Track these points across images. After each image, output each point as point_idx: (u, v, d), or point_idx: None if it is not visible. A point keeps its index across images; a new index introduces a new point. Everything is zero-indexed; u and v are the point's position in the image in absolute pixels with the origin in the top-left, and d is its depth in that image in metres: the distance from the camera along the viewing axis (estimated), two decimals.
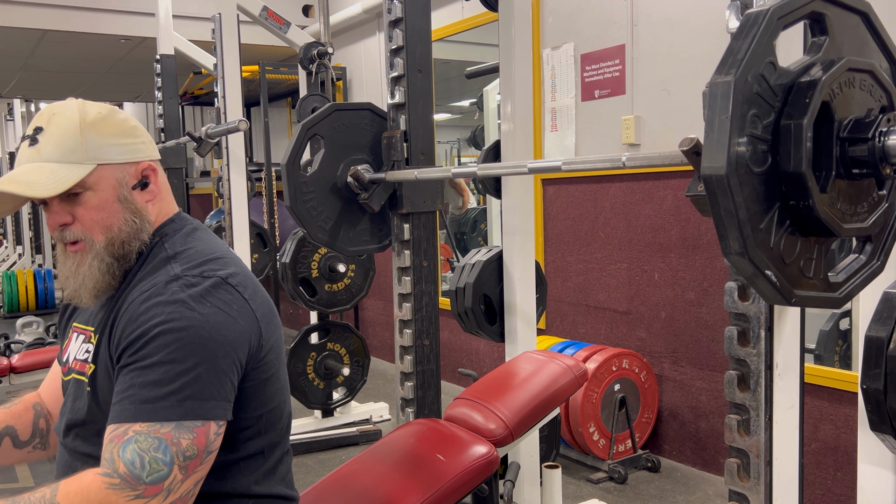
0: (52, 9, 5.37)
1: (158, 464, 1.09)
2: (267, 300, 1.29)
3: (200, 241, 1.30)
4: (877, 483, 1.44)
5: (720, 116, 0.88)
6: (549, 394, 2.04)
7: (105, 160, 1.22)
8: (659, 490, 3.32)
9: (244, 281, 1.25)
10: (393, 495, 1.66)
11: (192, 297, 1.17)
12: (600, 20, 3.72)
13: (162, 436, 1.10)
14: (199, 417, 1.13)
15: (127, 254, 1.25)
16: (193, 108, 8.59)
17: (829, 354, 3.22)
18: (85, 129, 1.21)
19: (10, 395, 3.89)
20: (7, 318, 8.09)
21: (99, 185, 1.22)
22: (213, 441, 1.15)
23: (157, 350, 1.13)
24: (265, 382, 1.26)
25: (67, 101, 1.27)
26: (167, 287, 1.18)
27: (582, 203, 3.92)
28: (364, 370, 4.19)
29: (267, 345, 1.25)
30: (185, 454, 1.11)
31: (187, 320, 1.14)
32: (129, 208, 1.25)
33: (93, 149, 1.21)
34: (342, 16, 5.60)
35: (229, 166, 3.75)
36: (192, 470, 1.12)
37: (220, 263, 1.25)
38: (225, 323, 1.17)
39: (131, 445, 1.09)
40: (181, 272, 1.21)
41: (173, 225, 1.31)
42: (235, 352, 1.18)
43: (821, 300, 1.01)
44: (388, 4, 2.18)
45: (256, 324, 1.23)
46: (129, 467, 1.08)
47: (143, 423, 1.10)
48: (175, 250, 1.26)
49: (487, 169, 2.14)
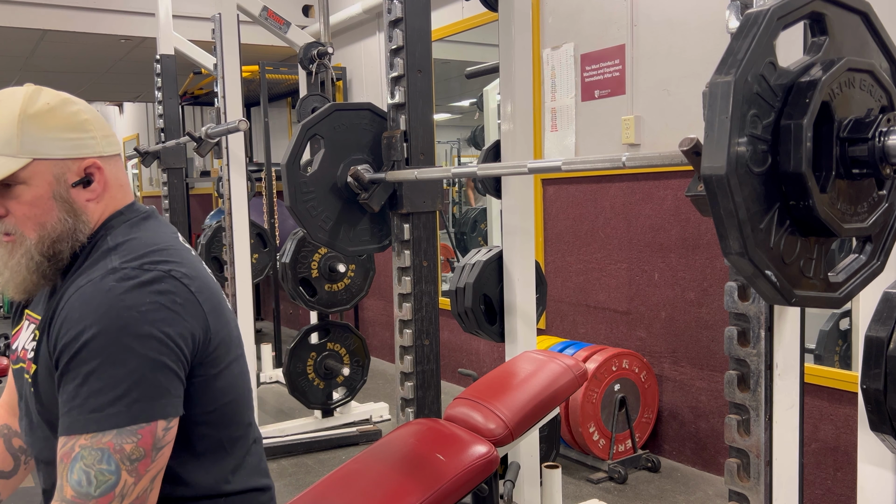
0: (52, 9, 5.37)
1: (104, 475, 1.06)
2: (216, 293, 1.23)
3: (146, 231, 1.23)
4: (877, 483, 1.44)
5: (720, 116, 0.88)
6: (549, 394, 2.04)
7: (42, 155, 1.16)
8: (659, 490, 3.32)
9: (191, 272, 1.18)
10: (393, 495, 1.66)
11: (128, 291, 1.10)
12: (600, 20, 3.72)
13: (104, 445, 1.07)
14: (145, 419, 1.09)
15: (58, 253, 1.19)
16: (193, 108, 8.59)
17: (829, 354, 3.22)
18: (24, 121, 1.15)
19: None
20: (7, 319, 8.09)
21: (33, 180, 1.16)
22: (161, 437, 1.11)
23: (96, 354, 1.07)
24: (215, 377, 1.20)
25: (17, 88, 1.20)
26: (102, 282, 1.12)
27: (582, 203, 3.92)
28: (364, 370, 4.19)
29: (216, 338, 1.19)
30: (130, 458, 1.08)
31: (124, 319, 1.08)
32: (64, 207, 1.18)
33: (30, 142, 1.15)
34: (342, 16, 5.60)
35: (229, 166, 3.75)
36: (144, 470, 1.09)
37: (164, 255, 1.18)
38: (167, 318, 1.11)
39: (77, 464, 1.07)
40: (119, 264, 1.14)
41: (121, 217, 1.25)
42: (179, 348, 1.13)
43: (821, 300, 1.01)
44: (388, 4, 2.18)
45: (204, 317, 1.17)
46: (77, 488, 1.06)
47: (87, 435, 1.07)
48: (116, 241, 1.20)
49: (487, 169, 2.14)
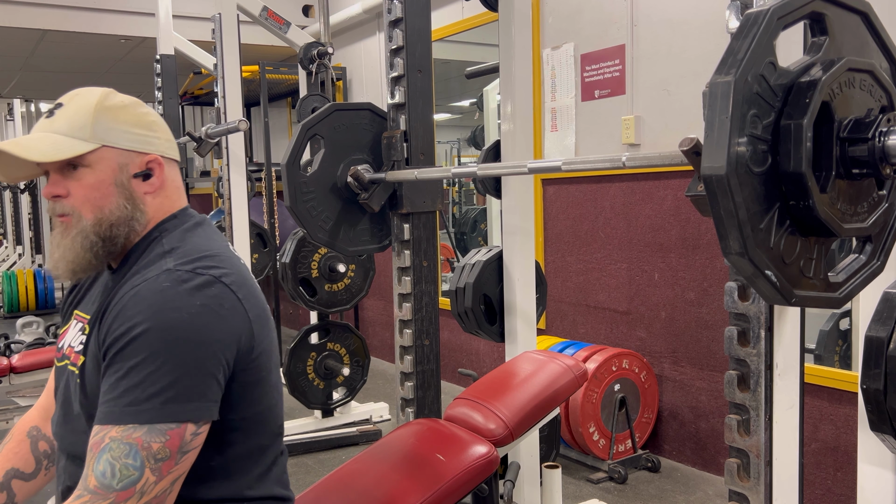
0: (52, 9, 5.38)
1: (129, 469, 1.09)
2: (261, 302, 1.28)
3: (199, 237, 1.29)
4: (877, 483, 1.44)
5: (720, 116, 0.88)
6: (549, 394, 2.04)
7: (111, 143, 1.24)
8: (659, 490, 3.32)
9: (239, 280, 1.23)
10: (393, 495, 1.66)
11: (179, 293, 1.15)
12: (600, 20, 3.72)
13: (133, 441, 1.10)
14: (176, 420, 1.12)
15: (114, 237, 1.24)
16: (193, 108, 8.59)
17: (829, 354, 3.22)
18: (99, 111, 1.24)
19: (10, 395, 3.90)
20: (7, 318, 8.09)
21: (98, 165, 1.23)
22: (189, 441, 1.14)
23: (140, 350, 1.12)
24: (253, 385, 1.24)
25: (98, 88, 1.29)
26: (156, 281, 1.17)
27: (582, 203, 3.92)
28: (364, 370, 4.19)
29: (258, 347, 1.23)
30: (156, 457, 1.10)
31: (172, 320, 1.13)
32: (123, 194, 1.25)
33: (101, 130, 1.23)
34: (342, 16, 5.60)
35: (229, 166, 3.75)
36: (167, 471, 1.12)
37: (216, 261, 1.23)
38: (212, 322, 1.16)
39: (105, 455, 1.10)
40: (173, 266, 1.19)
41: (175, 221, 1.30)
42: (223, 352, 1.16)
43: (821, 300, 1.01)
44: (388, 4, 2.18)
45: (249, 325, 1.21)
46: (100, 479, 1.09)
47: (120, 427, 1.10)
48: (171, 245, 1.25)
49: (487, 169, 2.14)
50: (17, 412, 3.95)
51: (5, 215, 11.42)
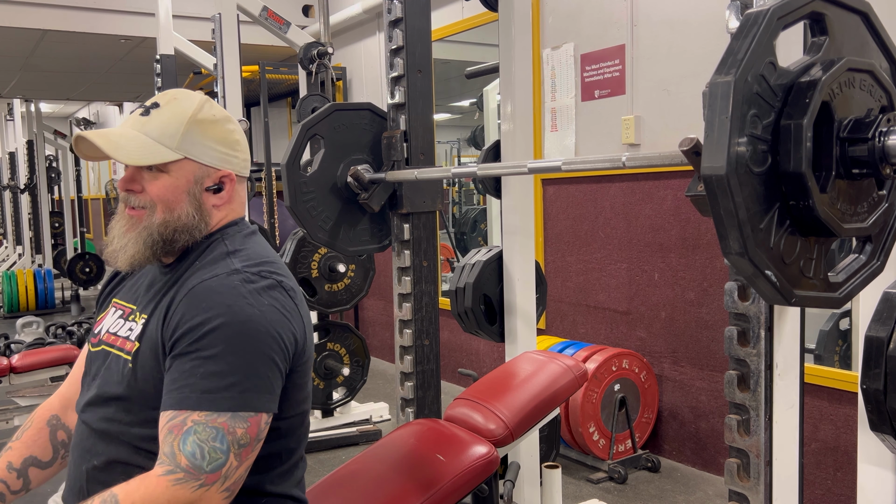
0: (52, 9, 5.37)
1: (217, 452, 1.14)
2: (308, 310, 1.35)
3: (258, 245, 1.36)
4: (877, 483, 1.44)
5: (720, 116, 0.88)
6: (549, 394, 2.03)
7: (194, 156, 1.30)
8: (659, 490, 3.32)
9: (295, 287, 1.32)
10: (393, 495, 1.66)
11: (251, 292, 1.22)
12: (600, 20, 3.72)
13: (219, 425, 1.15)
14: (254, 409, 1.18)
15: (175, 241, 1.30)
16: None
17: (829, 354, 3.22)
18: (192, 123, 1.29)
19: (10, 395, 3.89)
20: (7, 318, 8.09)
21: (176, 173, 1.29)
22: (262, 430, 1.20)
23: (218, 341, 1.17)
24: (298, 388, 1.30)
25: (195, 93, 1.35)
26: (229, 279, 1.24)
27: (582, 203, 3.92)
28: (364, 370, 4.19)
29: (307, 352, 1.31)
30: (239, 442, 1.16)
31: (247, 314, 1.19)
32: (193, 204, 1.31)
33: (188, 142, 1.29)
34: (342, 16, 5.60)
35: None
36: (245, 457, 1.18)
37: (276, 267, 1.31)
38: (280, 321, 1.23)
39: (191, 437, 1.14)
40: (241, 267, 1.26)
41: (235, 227, 1.37)
42: (286, 350, 1.24)
43: (821, 300, 1.01)
44: (388, 4, 2.18)
45: (304, 329, 1.29)
46: (191, 459, 1.13)
47: (201, 413, 1.15)
48: (234, 247, 1.32)
49: (487, 169, 2.14)
50: (17, 412, 3.95)
51: (5, 215, 11.42)
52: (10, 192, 10.74)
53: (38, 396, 3.85)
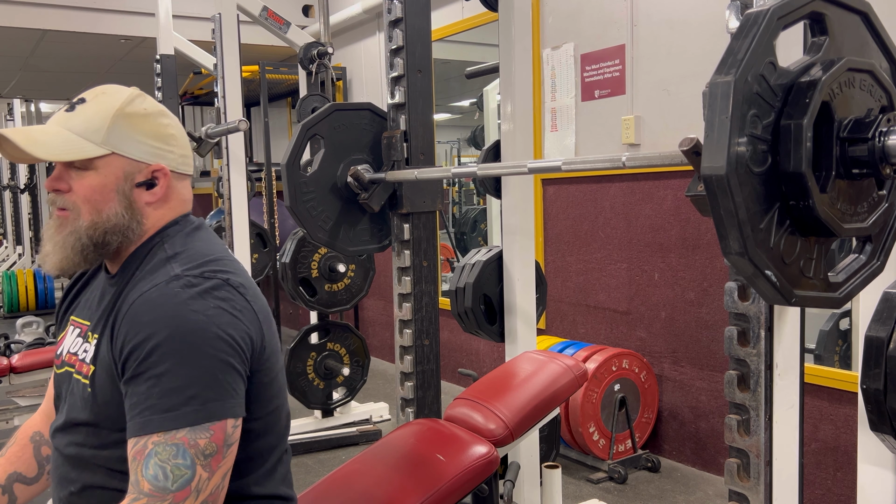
0: (52, 9, 5.37)
1: (180, 469, 1.10)
2: (265, 304, 1.29)
3: (200, 242, 1.30)
4: (877, 483, 1.44)
5: (720, 116, 0.88)
6: (549, 394, 2.03)
7: (121, 151, 1.23)
8: (659, 490, 3.32)
9: (245, 282, 1.25)
10: (393, 495, 1.66)
11: (192, 297, 1.16)
12: (600, 20, 3.72)
13: (179, 441, 1.11)
14: (216, 417, 1.13)
15: (106, 244, 1.24)
16: (193, 108, 8.59)
17: (829, 354, 3.22)
18: (118, 117, 1.23)
19: (10, 395, 3.89)
20: (7, 318, 8.09)
21: (104, 170, 1.23)
22: (231, 434, 1.16)
23: (168, 357, 1.12)
24: (266, 385, 1.25)
25: (126, 88, 1.29)
26: (168, 287, 1.17)
27: (582, 203, 3.92)
28: (364, 370, 4.19)
29: (269, 347, 1.25)
30: (204, 453, 1.12)
31: (192, 323, 1.14)
32: (123, 202, 1.25)
33: (115, 137, 1.23)
34: (342, 16, 5.60)
35: (229, 166, 3.75)
36: (216, 465, 1.14)
37: (221, 265, 1.24)
38: (230, 322, 1.17)
39: (152, 460, 1.10)
40: (181, 272, 1.20)
41: (176, 227, 1.31)
42: (242, 351, 1.18)
43: (821, 300, 1.01)
44: (388, 4, 2.18)
45: (259, 325, 1.23)
46: (153, 482, 1.09)
47: (159, 434, 1.11)
48: (174, 250, 1.26)
49: (487, 169, 2.14)
50: (17, 412, 3.95)
51: (5, 215, 11.42)
52: (10, 192, 10.74)
53: (38, 396, 3.85)
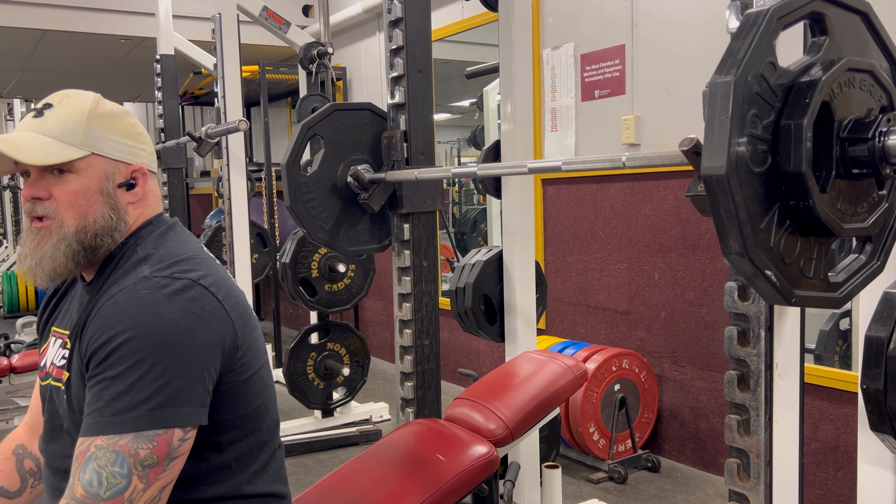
0: (52, 9, 5.37)
1: (116, 477, 1.07)
2: (242, 301, 1.27)
3: (173, 241, 1.28)
4: (877, 483, 1.44)
5: (720, 116, 0.88)
6: (549, 394, 2.04)
7: (100, 151, 1.22)
8: (659, 490, 3.32)
9: (217, 282, 1.22)
10: (393, 495, 1.66)
11: (159, 299, 1.14)
12: (600, 20, 3.72)
13: (119, 448, 1.08)
14: (164, 425, 1.10)
15: (97, 247, 1.23)
16: (193, 108, 8.59)
17: (829, 354, 3.22)
18: (91, 118, 1.22)
19: (10, 395, 3.90)
20: (7, 318, 8.09)
21: (85, 172, 1.21)
22: (177, 447, 1.12)
23: (124, 359, 1.10)
24: (244, 383, 1.23)
25: (87, 91, 1.28)
26: (135, 289, 1.15)
27: (582, 203, 3.92)
28: (364, 370, 4.19)
29: (243, 346, 1.22)
30: (143, 464, 1.09)
31: (155, 327, 1.11)
32: (108, 204, 1.23)
33: (92, 137, 1.22)
34: (342, 16, 5.60)
35: (229, 166, 3.75)
36: (155, 477, 1.10)
37: (192, 264, 1.22)
38: (195, 327, 1.14)
39: (91, 464, 1.08)
40: (150, 273, 1.18)
41: (150, 227, 1.29)
42: (208, 355, 1.15)
43: (821, 300, 1.01)
44: (388, 4, 2.18)
45: (231, 325, 1.20)
46: (87, 488, 1.07)
47: (104, 437, 1.08)
48: (146, 252, 1.24)
49: (487, 169, 2.14)
50: (17, 412, 3.95)
51: (5, 215, 11.42)
52: (10, 192, 10.75)
53: None
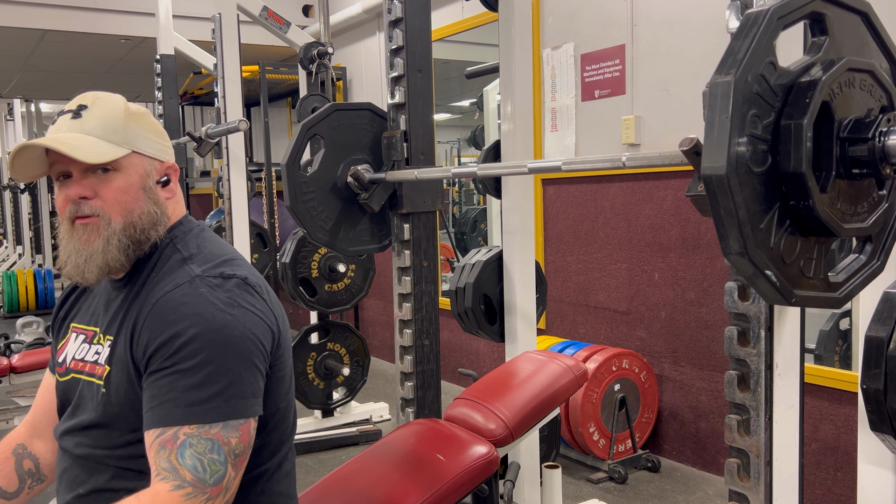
0: (52, 9, 5.37)
1: (216, 465, 1.12)
2: (278, 301, 1.33)
3: (210, 243, 1.33)
4: (877, 483, 1.44)
5: (720, 116, 0.88)
6: (549, 394, 2.03)
7: (140, 149, 1.27)
8: (659, 490, 3.32)
9: (260, 281, 1.29)
10: (393, 495, 1.66)
11: (218, 297, 1.20)
12: (600, 20, 3.72)
13: (213, 436, 1.13)
14: (242, 416, 1.16)
15: (144, 241, 1.26)
16: (193, 108, 8.59)
17: (829, 354, 3.22)
18: (128, 117, 1.27)
19: (10, 395, 3.89)
20: (7, 318, 8.08)
21: (128, 170, 1.25)
22: (253, 436, 1.19)
23: (196, 353, 1.15)
24: (280, 380, 1.29)
25: (112, 93, 1.32)
26: (191, 287, 1.21)
27: (582, 203, 3.92)
28: (364, 370, 4.19)
29: (283, 344, 1.29)
30: (234, 452, 1.15)
31: (220, 321, 1.17)
32: (151, 198, 1.28)
33: (132, 136, 1.26)
34: (342, 16, 5.60)
35: (229, 166, 3.74)
36: (241, 466, 1.17)
37: (235, 265, 1.28)
38: (254, 321, 1.21)
39: (188, 450, 1.12)
40: (202, 272, 1.23)
41: (182, 227, 1.34)
42: (265, 349, 1.22)
43: (821, 300, 1.01)
44: (388, 4, 2.18)
45: (276, 323, 1.27)
46: (194, 473, 1.11)
47: (192, 426, 1.13)
48: (189, 252, 1.29)
49: (487, 169, 2.14)
50: (17, 412, 3.95)
51: (5, 215, 11.42)
52: (10, 192, 10.75)
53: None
